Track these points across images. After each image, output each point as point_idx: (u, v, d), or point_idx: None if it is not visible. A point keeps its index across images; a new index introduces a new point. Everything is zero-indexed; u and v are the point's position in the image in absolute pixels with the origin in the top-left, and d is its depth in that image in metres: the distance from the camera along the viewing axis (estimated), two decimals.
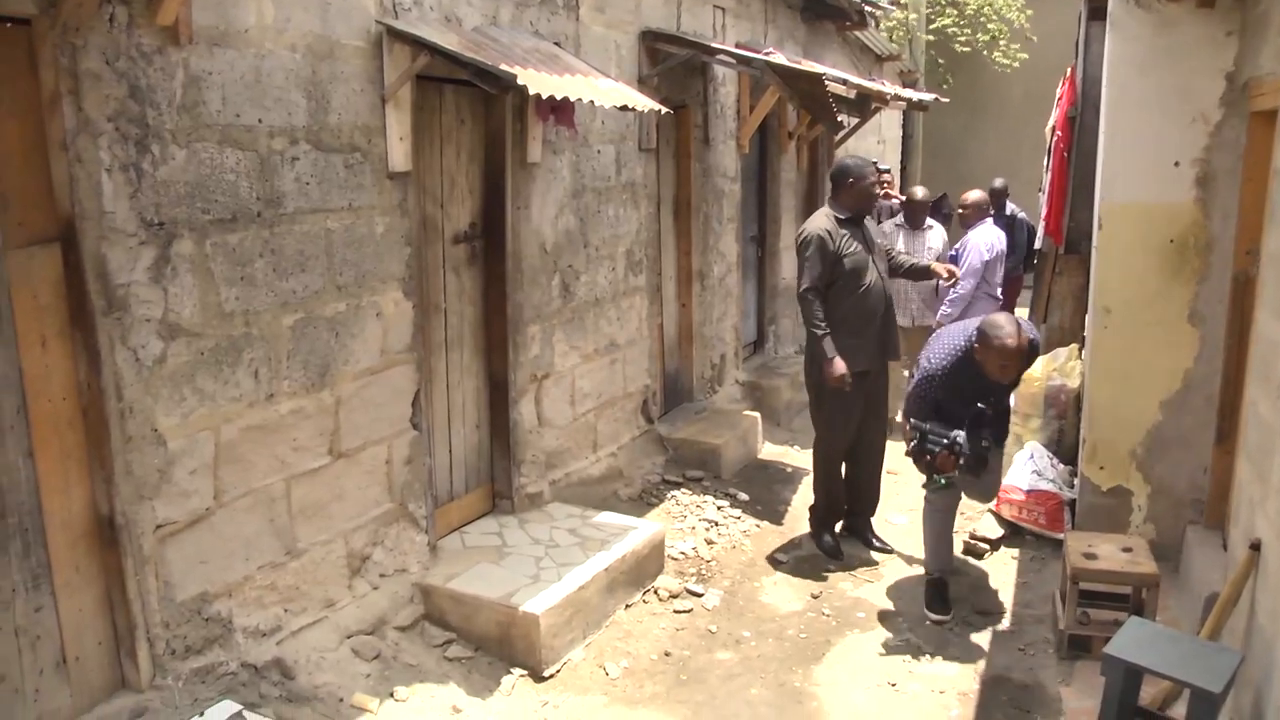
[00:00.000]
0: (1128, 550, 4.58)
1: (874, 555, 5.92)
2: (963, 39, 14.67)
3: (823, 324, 5.52)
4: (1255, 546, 3.71)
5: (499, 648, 4.59)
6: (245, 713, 3.57)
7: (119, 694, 3.59)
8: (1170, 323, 5.15)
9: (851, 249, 5.55)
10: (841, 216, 5.64)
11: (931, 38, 14.63)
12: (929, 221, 8.06)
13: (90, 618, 3.51)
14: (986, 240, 7.73)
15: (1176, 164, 5.03)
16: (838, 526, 6.12)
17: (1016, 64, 14.71)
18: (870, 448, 5.98)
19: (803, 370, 6.18)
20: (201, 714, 3.52)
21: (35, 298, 3.25)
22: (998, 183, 9.44)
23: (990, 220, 8.18)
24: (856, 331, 5.59)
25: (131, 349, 3.43)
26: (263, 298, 3.92)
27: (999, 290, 7.96)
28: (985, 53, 14.83)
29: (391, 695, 4.16)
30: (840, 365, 5.50)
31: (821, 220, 5.68)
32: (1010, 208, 9.46)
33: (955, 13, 14.74)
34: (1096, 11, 6.31)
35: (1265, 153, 4.59)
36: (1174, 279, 5.13)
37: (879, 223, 8.21)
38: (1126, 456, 5.34)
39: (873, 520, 6.16)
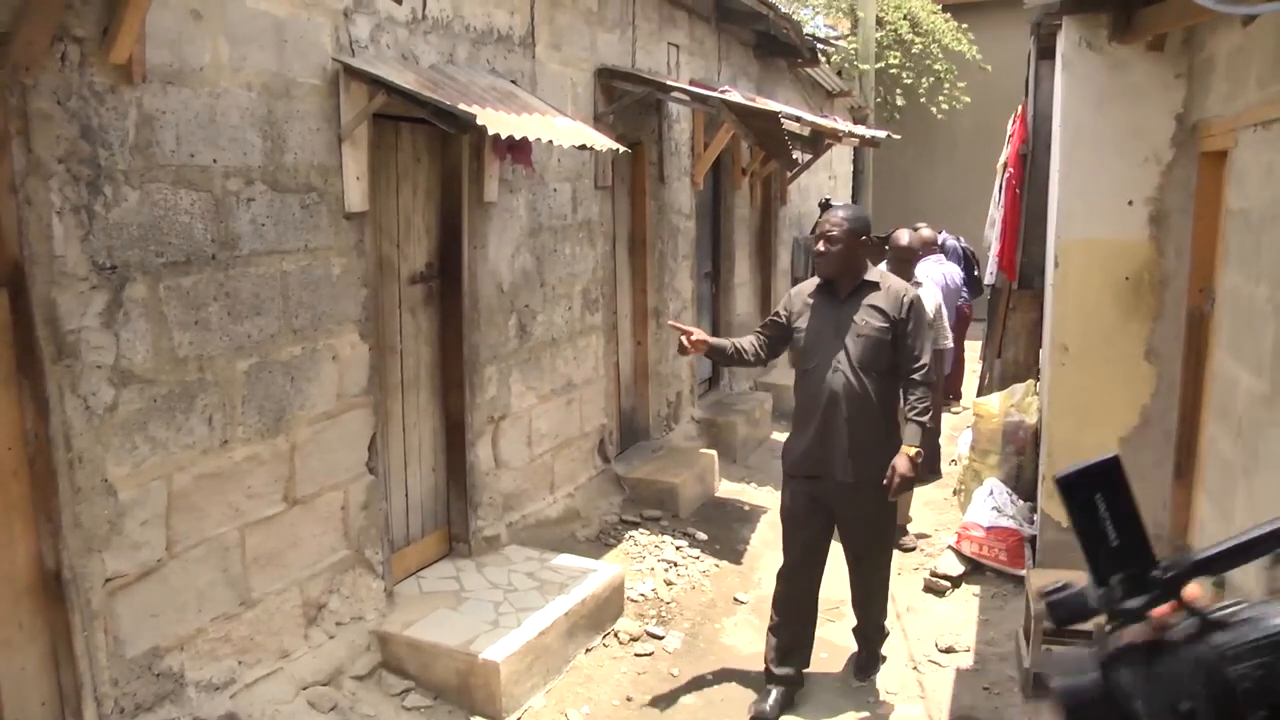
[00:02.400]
0: None
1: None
2: (907, 80, 14.87)
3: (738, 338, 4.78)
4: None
5: (458, 696, 4.49)
6: None
7: None
8: (1127, 359, 5.19)
9: (807, 323, 4.55)
10: (818, 284, 4.64)
11: (879, 67, 14.81)
12: (918, 276, 6.71)
13: (33, 677, 3.36)
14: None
15: (1130, 203, 5.09)
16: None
17: (960, 106, 14.92)
18: (853, 576, 4.86)
19: (759, 408, 6.04)
20: None
21: None
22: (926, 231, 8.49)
23: (939, 256, 8.22)
24: (797, 421, 4.64)
25: (81, 397, 3.32)
26: (217, 342, 3.82)
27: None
28: (924, 100, 15.00)
29: None
30: (691, 333, 4.50)
31: (809, 280, 4.78)
32: (941, 235, 9.24)
33: (900, 52, 14.95)
34: (1046, 50, 6.41)
35: (1215, 192, 4.66)
36: (1130, 316, 5.18)
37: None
38: None
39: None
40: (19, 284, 3.16)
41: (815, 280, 4.65)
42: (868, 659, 4.99)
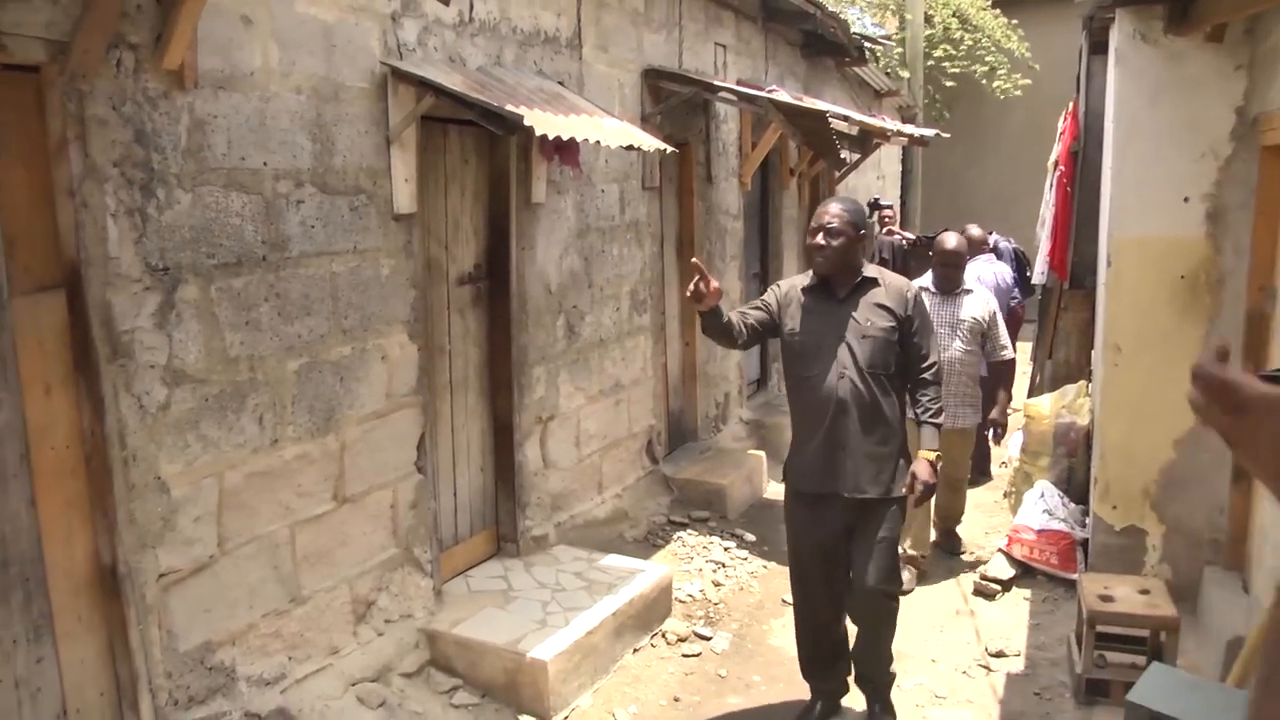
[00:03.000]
0: (1145, 592, 4.51)
1: None
2: (956, 70, 14.74)
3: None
4: None
5: (506, 694, 4.51)
6: None
7: None
8: (1182, 360, 5.07)
9: (803, 322, 4.12)
10: (810, 282, 4.22)
11: (929, 65, 14.70)
12: (966, 283, 6.05)
13: (92, 669, 3.43)
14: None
15: (1186, 199, 4.99)
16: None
17: (1019, 91, 14.78)
18: (858, 602, 4.24)
19: None
20: None
21: (40, 344, 3.21)
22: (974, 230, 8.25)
23: (990, 256, 8.11)
24: (801, 437, 4.20)
25: (135, 395, 3.39)
26: (267, 342, 3.87)
27: None
28: (985, 82, 14.91)
29: None
30: (712, 283, 3.88)
31: (797, 276, 4.39)
32: (994, 238, 9.09)
33: (950, 46, 14.85)
34: (1098, 45, 6.31)
35: (1277, 188, 4.57)
36: (1185, 316, 5.08)
37: (873, 262, 7.82)
38: (1140, 495, 5.27)
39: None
40: (75, 285, 3.23)
41: (805, 278, 4.26)
42: (881, 711, 4.40)
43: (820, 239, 4.08)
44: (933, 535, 6.25)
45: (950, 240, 5.98)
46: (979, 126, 15.66)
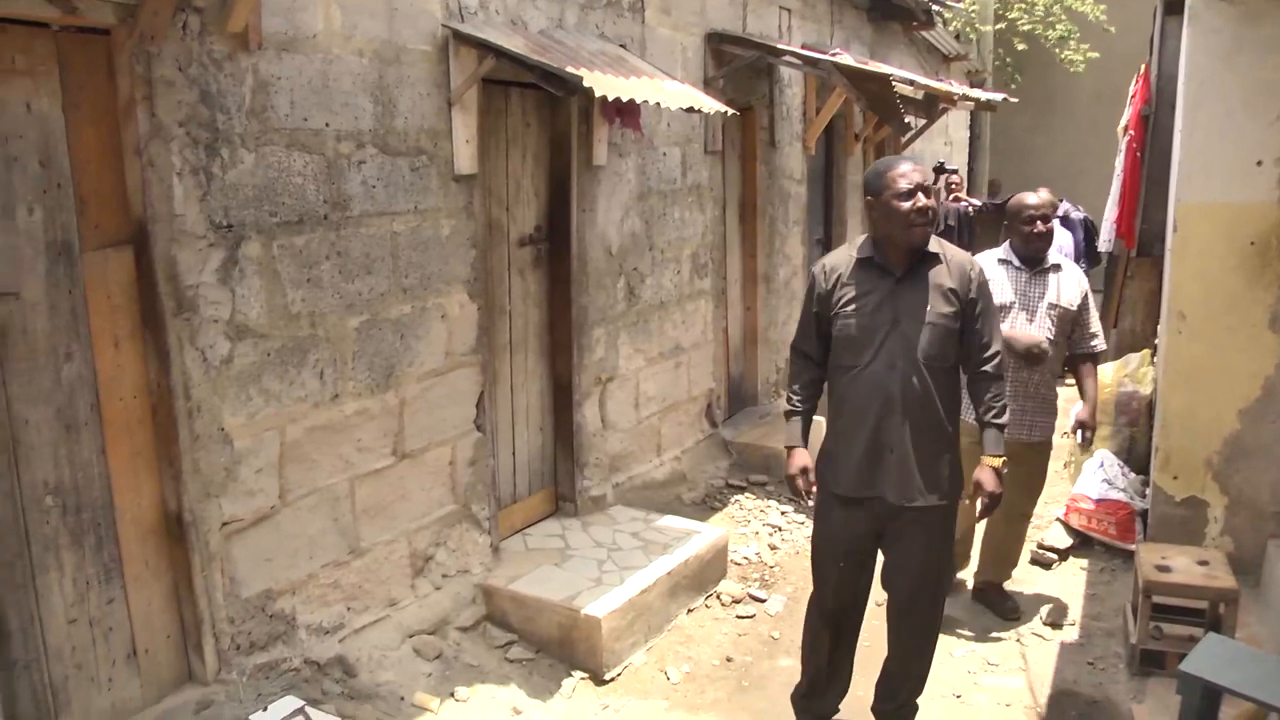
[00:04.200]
0: (1204, 563, 4.45)
1: None
2: (1029, 31, 14.41)
3: (796, 396, 3.88)
4: None
5: (560, 650, 4.59)
6: (308, 709, 3.60)
7: (186, 686, 3.66)
8: (1249, 328, 4.99)
9: (854, 305, 3.55)
10: (860, 255, 3.62)
11: (999, 28, 14.36)
12: (1053, 258, 4.91)
13: (159, 612, 3.57)
14: None
15: (1259, 163, 4.87)
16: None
17: (1083, 67, 14.43)
18: (897, 626, 3.84)
19: None
20: (265, 709, 3.55)
21: (109, 299, 3.32)
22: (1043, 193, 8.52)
23: (1056, 221, 7.97)
24: (841, 433, 3.67)
25: (200, 349, 3.49)
26: (329, 299, 3.96)
27: None
28: (1056, 50, 14.57)
29: (452, 695, 4.18)
30: (798, 459, 3.78)
31: (839, 251, 3.78)
32: (1064, 206, 8.83)
33: (1024, 7, 14.52)
34: (1173, 5, 6.15)
35: None
36: (1254, 283, 4.97)
37: (939, 229, 7.65)
38: (1202, 466, 5.18)
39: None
40: (143, 242, 3.34)
41: (848, 252, 3.68)
42: None
43: (922, 200, 3.45)
44: (969, 580, 5.41)
45: (1031, 196, 4.87)
46: (1049, 92, 15.29)
